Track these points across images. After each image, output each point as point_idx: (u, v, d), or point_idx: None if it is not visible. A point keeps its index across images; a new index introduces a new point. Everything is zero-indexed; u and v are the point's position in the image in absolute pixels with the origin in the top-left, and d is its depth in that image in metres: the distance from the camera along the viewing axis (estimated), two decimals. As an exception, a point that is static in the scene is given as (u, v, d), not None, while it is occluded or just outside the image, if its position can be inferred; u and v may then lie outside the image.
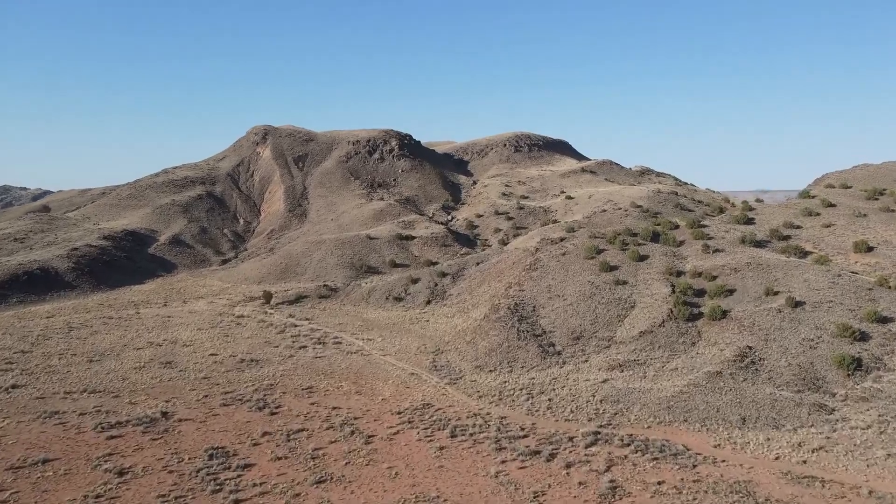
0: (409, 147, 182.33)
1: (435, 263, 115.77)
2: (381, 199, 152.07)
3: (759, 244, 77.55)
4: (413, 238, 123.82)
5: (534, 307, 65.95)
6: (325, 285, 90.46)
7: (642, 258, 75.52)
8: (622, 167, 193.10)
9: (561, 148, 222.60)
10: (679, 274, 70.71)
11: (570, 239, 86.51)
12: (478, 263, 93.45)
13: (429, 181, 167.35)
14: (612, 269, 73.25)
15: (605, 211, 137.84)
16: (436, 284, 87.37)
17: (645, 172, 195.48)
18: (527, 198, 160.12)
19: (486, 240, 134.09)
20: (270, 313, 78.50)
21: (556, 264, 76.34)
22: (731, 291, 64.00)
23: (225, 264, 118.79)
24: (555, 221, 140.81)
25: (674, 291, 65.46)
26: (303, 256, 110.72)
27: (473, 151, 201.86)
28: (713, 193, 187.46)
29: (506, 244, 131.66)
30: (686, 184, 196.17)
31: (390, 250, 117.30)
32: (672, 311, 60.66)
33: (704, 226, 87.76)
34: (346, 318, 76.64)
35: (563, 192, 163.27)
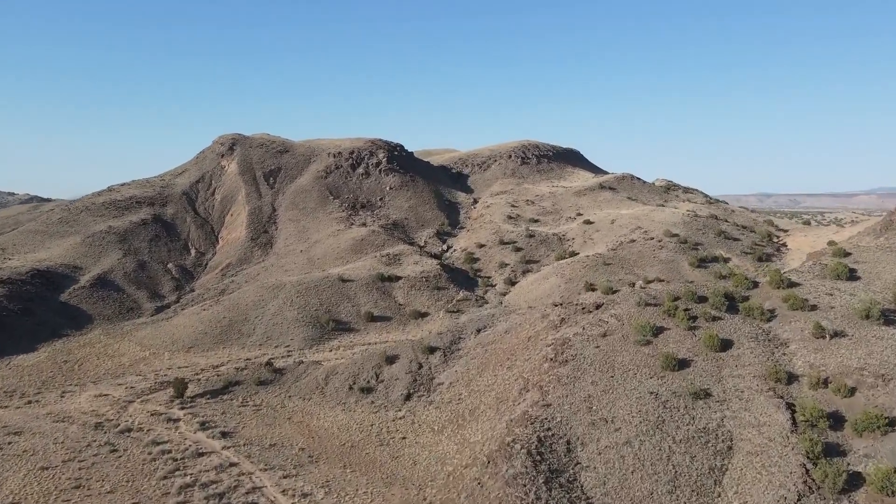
0: (400, 160, 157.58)
1: (424, 315, 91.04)
2: (364, 223, 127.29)
3: (892, 320, 52.62)
4: (398, 279, 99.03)
5: (568, 445, 41.05)
6: (268, 363, 65.47)
7: (724, 346, 50.65)
8: (644, 182, 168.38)
9: (573, 159, 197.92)
10: (790, 379, 45.82)
11: (608, 307, 61.40)
12: (478, 331, 68.57)
13: (421, 201, 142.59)
14: (682, 364, 48.43)
15: (633, 241, 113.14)
16: (420, 366, 62.44)
17: (670, 188, 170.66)
18: (537, 221, 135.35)
19: (488, 278, 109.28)
20: (176, 421, 53.58)
21: (595, 352, 51.50)
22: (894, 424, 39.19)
23: (159, 313, 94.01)
24: (573, 253, 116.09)
25: (795, 423, 40.59)
26: (253, 308, 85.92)
27: (474, 164, 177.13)
28: (750, 213, 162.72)
29: (514, 283, 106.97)
30: (716, 200, 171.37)
31: (368, 297, 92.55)
32: (809, 476, 35.67)
33: (796, 284, 62.79)
34: (284, 432, 51.72)
35: (579, 214, 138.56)
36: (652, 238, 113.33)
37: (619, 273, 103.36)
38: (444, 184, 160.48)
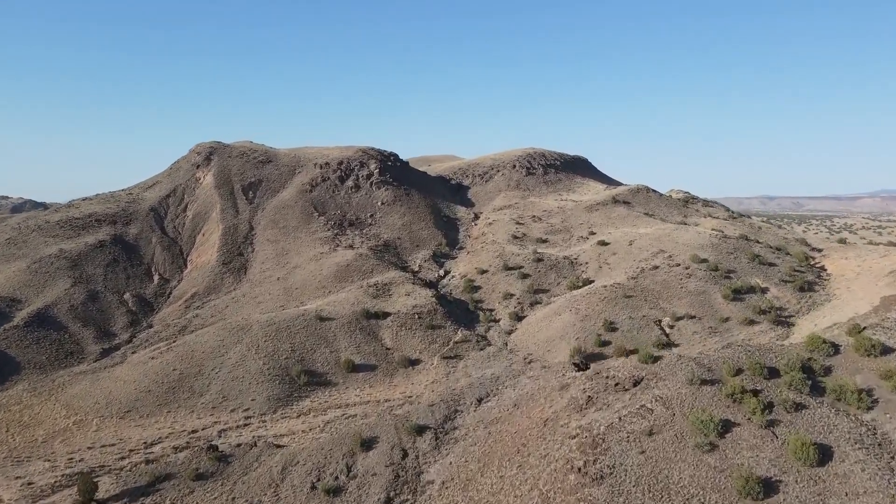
0: (393, 171, 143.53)
1: (415, 362, 77.02)
2: (351, 245, 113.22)
3: None
4: (386, 316, 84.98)
5: None
6: (212, 447, 51.30)
7: (822, 456, 36.52)
8: (660, 195, 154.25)
9: (581, 168, 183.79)
10: (932, 523, 31.92)
11: (650, 384, 47.03)
12: (479, 401, 54.58)
13: (416, 217, 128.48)
14: (768, 489, 34.31)
15: (656, 268, 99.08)
16: (404, 454, 48.35)
17: (688, 201, 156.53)
18: (545, 241, 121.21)
19: (491, 311, 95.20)
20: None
21: (640, 463, 37.43)
22: None
23: (104, 357, 79.98)
24: (587, 281, 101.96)
25: None
26: (211, 356, 71.86)
27: (475, 174, 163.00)
28: (778, 229, 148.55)
29: (521, 318, 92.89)
30: (740, 215, 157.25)
31: (350, 339, 78.54)
32: None
33: (891, 349, 48.62)
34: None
35: (592, 232, 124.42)
36: (678, 264, 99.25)
37: (643, 307, 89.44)
38: (442, 197, 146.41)
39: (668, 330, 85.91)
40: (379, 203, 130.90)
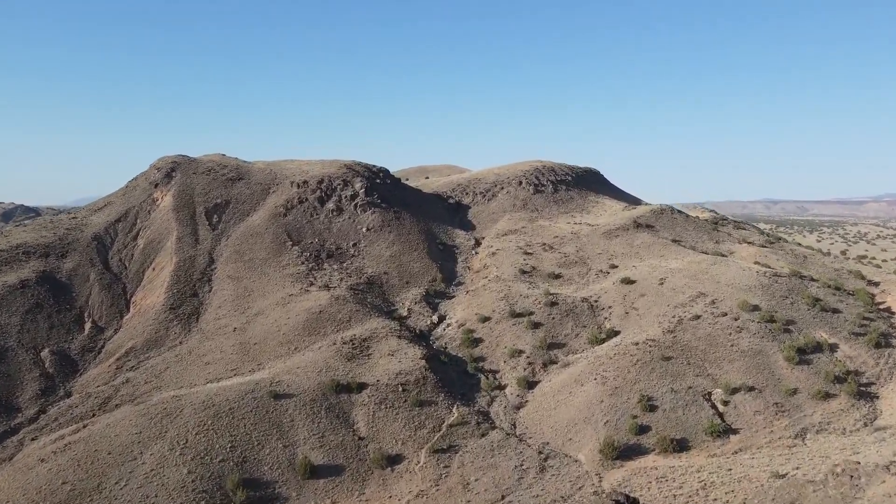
0: (382, 189, 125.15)
1: (395, 460, 58.54)
2: (327, 284, 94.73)
3: None
4: (363, 388, 66.65)
5: None
6: None
7: None
8: (687, 216, 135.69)
9: (594, 184, 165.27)
10: None
11: None
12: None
13: (408, 246, 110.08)
14: None
15: (698, 318, 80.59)
16: None
17: (718, 223, 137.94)
18: (558, 277, 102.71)
19: (495, 373, 76.90)
20: None
21: None
22: None
23: (-7, 448, 61.54)
24: (613, 332, 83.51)
25: None
26: (119, 460, 53.42)
27: (476, 191, 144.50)
28: (824, 257, 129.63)
29: (532, 385, 74.47)
30: (777, 239, 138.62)
31: (311, 426, 60.19)
32: None
33: None
34: None
35: (613, 266, 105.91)
36: (724, 313, 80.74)
37: (686, 374, 71.22)
38: (438, 219, 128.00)
39: (721, 407, 67.42)
40: (364, 229, 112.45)
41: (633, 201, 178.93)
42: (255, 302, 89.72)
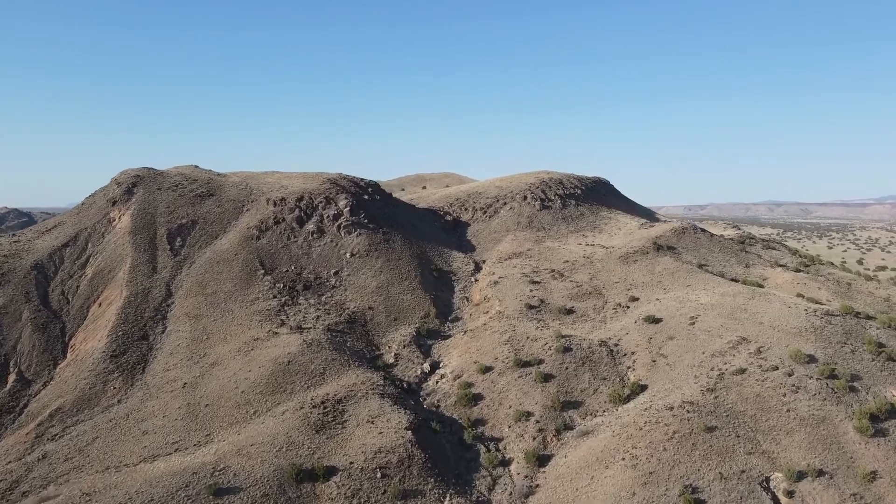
0: (370, 207, 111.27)
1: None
2: (300, 324, 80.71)
3: None
4: (332, 473, 52.71)
5: None
6: None
7: None
8: (711, 236, 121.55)
9: (604, 194, 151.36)
10: None
11: None
12: None
13: (397, 274, 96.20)
14: None
15: (742, 372, 66.70)
16: None
17: (745, 242, 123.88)
18: (570, 312, 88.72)
19: (498, 443, 62.98)
20: None
21: None
22: None
23: None
24: (638, 388, 69.54)
25: None
26: None
27: (476, 207, 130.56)
28: (867, 282, 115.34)
29: (543, 462, 60.46)
30: (812, 261, 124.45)
31: (260, 538, 46.08)
32: None
33: None
34: None
35: (633, 298, 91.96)
36: (774, 366, 66.79)
37: (737, 452, 57.55)
38: (433, 239, 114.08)
39: (785, 500, 53.55)
40: (348, 254, 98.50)
41: (647, 214, 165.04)
42: (214, 348, 75.75)
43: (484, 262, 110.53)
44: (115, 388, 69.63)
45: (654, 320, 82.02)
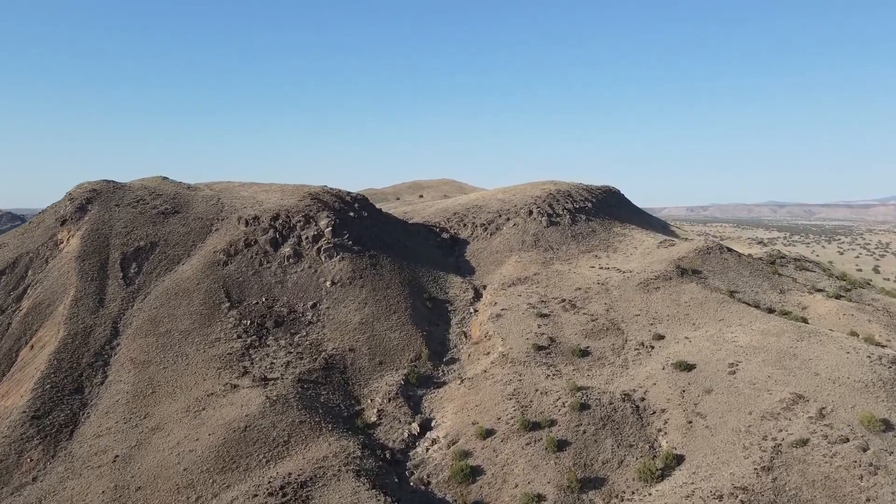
0: (355, 226, 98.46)
1: None
2: (265, 375, 67.74)
3: None
4: None
5: None
6: None
7: None
8: (739, 256, 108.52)
9: (617, 208, 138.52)
10: None
11: None
12: None
13: (385, 307, 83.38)
14: None
15: (804, 443, 53.71)
16: None
17: (776, 262, 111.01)
18: (586, 353, 75.80)
19: (503, 540, 49.98)
20: None
21: None
22: None
23: None
24: (673, 460, 56.39)
25: None
26: None
27: (476, 223, 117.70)
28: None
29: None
30: (853, 284, 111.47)
31: None
32: None
33: None
34: None
35: (657, 335, 79.03)
36: (844, 437, 53.90)
37: (812, 564, 44.30)
38: (427, 261, 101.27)
39: None
40: (328, 283, 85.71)
41: (662, 227, 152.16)
42: (159, 406, 62.86)
43: (485, 287, 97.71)
44: (31, 460, 56.83)
45: (685, 366, 69.13)
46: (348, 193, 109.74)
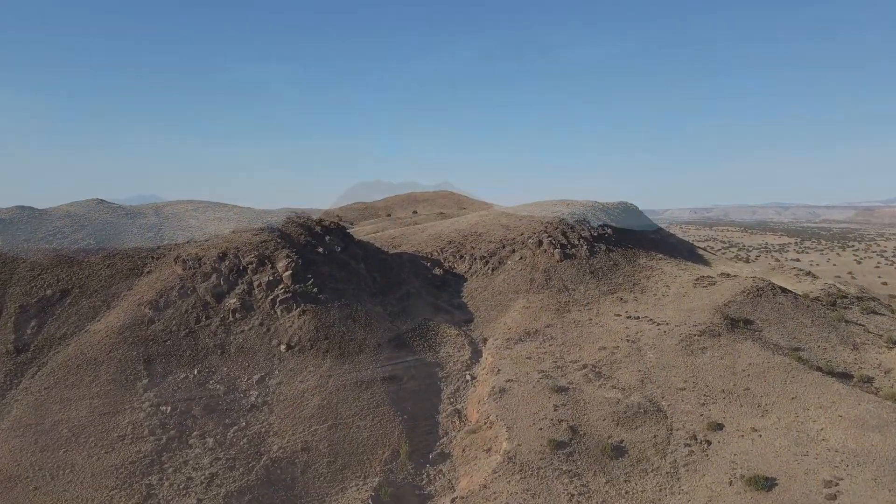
0: (325, 266, 79.05)
1: None
2: (182, 492, 48.45)
3: None
4: None
5: None
6: None
7: None
8: (795, 297, 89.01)
9: (634, 222, 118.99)
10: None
11: None
12: None
13: (355, 381, 64.00)
14: None
15: None
16: None
17: (837, 304, 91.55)
18: (622, 453, 56.36)
19: None
20: None
21: None
22: None
23: None
24: None
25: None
26: None
27: (476, 255, 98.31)
28: None
29: None
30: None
31: None
32: None
33: None
34: None
35: (712, 423, 59.49)
36: None
37: None
38: (414, 309, 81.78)
39: None
40: (282, 347, 66.43)
41: (688, 251, 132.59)
42: (13, 558, 43.55)
43: (485, 341, 78.41)
44: None
45: (762, 483, 49.86)
46: (321, 221, 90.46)
